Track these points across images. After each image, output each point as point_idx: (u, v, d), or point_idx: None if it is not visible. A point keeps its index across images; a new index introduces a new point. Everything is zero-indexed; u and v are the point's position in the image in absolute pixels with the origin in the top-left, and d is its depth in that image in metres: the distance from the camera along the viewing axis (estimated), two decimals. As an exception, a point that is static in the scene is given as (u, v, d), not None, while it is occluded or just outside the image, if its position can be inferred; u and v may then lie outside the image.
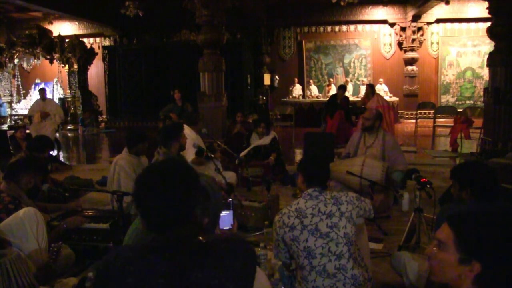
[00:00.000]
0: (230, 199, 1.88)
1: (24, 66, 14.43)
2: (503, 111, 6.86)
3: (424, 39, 13.36)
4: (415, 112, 11.57)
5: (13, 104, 14.19)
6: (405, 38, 13.25)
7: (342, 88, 9.38)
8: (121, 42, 13.89)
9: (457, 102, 13.26)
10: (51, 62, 13.26)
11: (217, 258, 1.18)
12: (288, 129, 10.69)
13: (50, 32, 13.01)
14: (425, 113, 12.02)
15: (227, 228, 1.93)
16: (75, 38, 13.01)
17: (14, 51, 12.91)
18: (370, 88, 9.13)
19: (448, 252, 1.10)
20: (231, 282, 1.17)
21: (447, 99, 13.55)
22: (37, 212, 2.75)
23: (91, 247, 3.23)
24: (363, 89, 11.90)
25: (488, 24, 7.20)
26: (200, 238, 1.36)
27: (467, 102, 13.31)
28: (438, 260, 1.13)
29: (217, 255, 1.20)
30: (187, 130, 4.30)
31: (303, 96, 13.64)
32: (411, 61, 13.33)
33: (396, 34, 13.44)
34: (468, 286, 1.06)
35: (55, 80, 14.39)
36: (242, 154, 5.66)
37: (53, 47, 12.67)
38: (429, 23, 13.22)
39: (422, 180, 3.15)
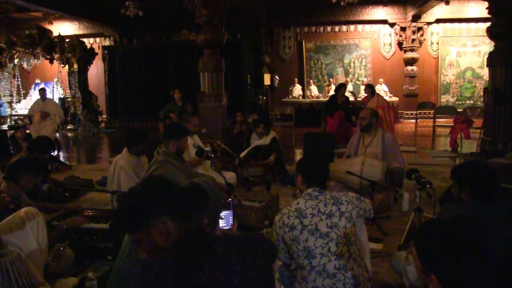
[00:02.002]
0: (230, 199, 1.89)
1: (24, 66, 14.44)
2: (503, 111, 6.86)
3: (424, 39, 13.36)
4: (415, 112, 11.57)
5: (13, 104, 14.20)
6: (405, 38, 13.25)
7: (343, 86, 9.36)
8: (121, 42, 13.90)
9: (457, 102, 13.26)
10: (51, 62, 13.26)
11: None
12: (288, 129, 10.69)
13: (50, 32, 13.01)
14: (425, 113, 12.02)
15: (227, 228, 1.93)
16: (75, 38, 13.02)
17: (14, 51, 12.91)
18: (369, 88, 9.14)
19: (417, 262, 1.21)
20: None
21: (447, 99, 13.56)
22: (37, 212, 2.75)
23: (91, 247, 3.22)
24: (363, 89, 11.89)
25: (488, 24, 7.20)
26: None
27: (467, 102, 13.31)
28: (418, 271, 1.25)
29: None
30: None
31: (303, 96, 13.64)
32: (411, 61, 13.33)
33: (396, 34, 13.44)
34: None
35: (55, 80, 14.40)
36: (242, 154, 5.66)
37: (53, 47, 12.67)
38: (429, 23, 13.22)
39: (422, 180, 3.15)
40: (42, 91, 9.02)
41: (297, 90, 13.67)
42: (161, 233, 1.28)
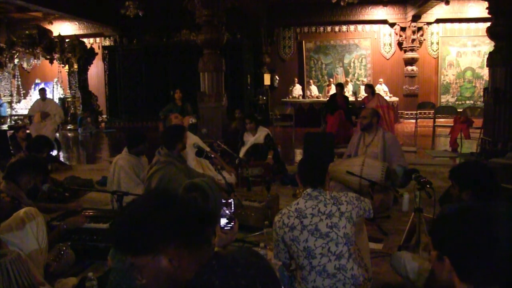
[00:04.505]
0: (230, 199, 1.88)
1: (24, 66, 14.42)
2: (503, 111, 6.86)
3: (424, 39, 13.36)
4: (415, 112, 11.57)
5: (13, 104, 14.19)
6: (405, 38, 13.25)
7: (338, 85, 9.39)
8: (121, 42, 13.89)
9: (457, 102, 13.26)
10: (51, 62, 13.26)
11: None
12: (288, 129, 10.69)
13: (50, 32, 13.01)
14: (425, 113, 12.02)
15: (228, 228, 1.93)
16: (75, 38, 13.02)
17: (14, 51, 12.91)
18: (369, 88, 9.15)
19: (433, 252, 1.24)
20: None
21: (447, 99, 13.55)
22: (37, 212, 2.75)
23: (91, 247, 3.23)
24: (363, 89, 11.89)
25: (488, 24, 7.20)
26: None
27: (467, 102, 13.31)
28: (432, 260, 1.27)
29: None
30: None
31: (303, 96, 13.64)
32: (411, 61, 13.33)
33: (396, 34, 13.44)
34: (455, 279, 1.18)
35: (55, 80, 14.39)
36: (242, 155, 5.66)
37: (53, 47, 12.67)
38: (429, 23, 13.22)
39: (422, 180, 3.14)
40: (42, 91, 9.03)
41: (297, 90, 13.67)
42: (172, 259, 1.11)
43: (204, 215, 1.23)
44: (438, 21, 13.19)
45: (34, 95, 13.38)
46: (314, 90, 13.71)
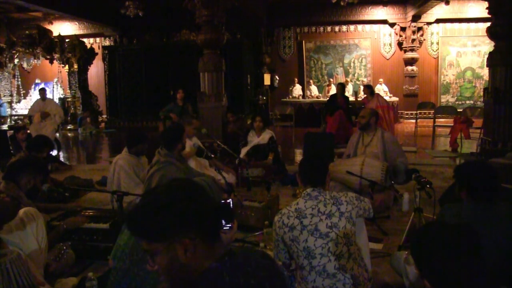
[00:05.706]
0: (229, 199, 1.88)
1: (24, 66, 14.43)
2: (503, 111, 6.86)
3: (424, 39, 13.36)
4: (415, 112, 11.57)
5: (13, 104, 14.20)
6: (405, 38, 13.25)
7: (340, 85, 9.39)
8: (121, 42, 13.88)
9: (457, 102, 13.26)
10: (51, 62, 13.26)
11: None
12: (288, 129, 10.69)
13: (50, 32, 13.01)
14: (425, 113, 12.02)
15: (227, 228, 1.93)
16: (75, 38, 13.02)
17: (14, 51, 12.91)
18: (368, 88, 9.15)
19: (416, 268, 1.25)
20: None
21: (447, 99, 13.55)
22: (37, 212, 2.76)
23: (91, 247, 3.23)
24: (362, 90, 11.90)
25: (488, 24, 7.19)
26: None
27: (467, 102, 13.31)
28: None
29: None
30: None
31: (303, 96, 13.65)
32: (411, 61, 13.33)
33: (396, 34, 13.44)
34: None
35: (55, 80, 14.40)
36: (242, 154, 5.66)
37: (53, 47, 12.67)
38: (429, 23, 13.22)
39: (422, 180, 3.15)
40: (42, 91, 9.03)
41: (297, 90, 13.67)
42: (187, 250, 1.12)
43: (223, 210, 1.25)
44: (438, 21, 13.19)
45: (34, 95, 13.38)
46: (314, 90, 13.71)
